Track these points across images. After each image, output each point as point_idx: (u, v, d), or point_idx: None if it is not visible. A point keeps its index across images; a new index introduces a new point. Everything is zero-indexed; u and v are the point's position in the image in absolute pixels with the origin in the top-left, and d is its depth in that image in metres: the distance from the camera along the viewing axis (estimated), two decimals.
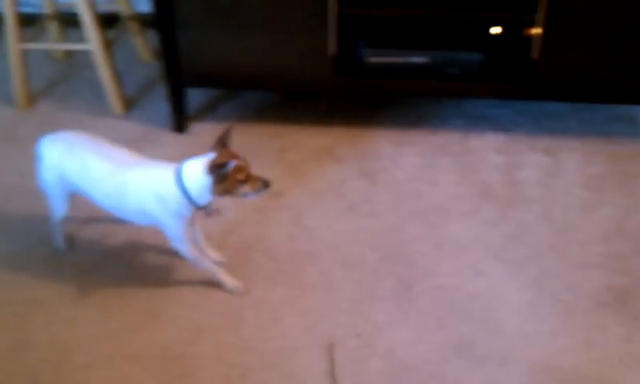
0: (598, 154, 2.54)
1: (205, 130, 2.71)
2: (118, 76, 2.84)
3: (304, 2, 2.33)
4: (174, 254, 2.07)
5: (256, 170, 2.48)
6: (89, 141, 2.02)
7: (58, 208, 2.11)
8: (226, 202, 1.97)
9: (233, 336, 1.95)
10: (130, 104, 2.91)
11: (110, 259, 2.20)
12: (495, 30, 2.58)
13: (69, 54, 3.27)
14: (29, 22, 2.92)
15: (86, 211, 2.23)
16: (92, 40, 2.70)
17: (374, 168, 2.51)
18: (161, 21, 2.42)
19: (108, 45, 2.75)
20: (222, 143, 1.87)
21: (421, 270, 2.12)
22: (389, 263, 2.15)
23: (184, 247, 1.98)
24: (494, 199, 2.36)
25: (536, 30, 2.29)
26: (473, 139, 2.63)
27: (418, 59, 2.43)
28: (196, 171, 1.84)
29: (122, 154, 1.98)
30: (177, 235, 1.96)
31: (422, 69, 2.45)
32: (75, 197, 2.08)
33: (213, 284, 2.08)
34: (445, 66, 2.44)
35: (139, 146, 2.15)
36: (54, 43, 3.15)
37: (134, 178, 1.92)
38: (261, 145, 2.63)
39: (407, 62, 2.44)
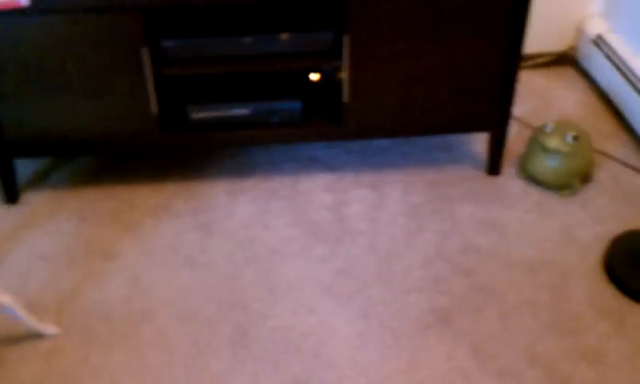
0: (417, 183, 2.73)
1: (38, 199, 2.69)
2: None
3: (120, 66, 2.37)
4: None
5: (90, 234, 2.51)
6: None
7: None
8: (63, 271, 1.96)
9: None
10: None
11: None
12: (312, 76, 2.74)
13: None
14: None
15: None
16: None
17: (209, 219, 2.57)
18: None
19: None
20: None
21: (256, 314, 2.20)
22: (224, 312, 2.21)
23: None
24: (324, 237, 2.48)
25: (344, 75, 2.44)
26: (303, 181, 2.75)
27: (240, 111, 2.52)
28: None
29: None
30: None
31: (245, 120, 2.55)
32: None
33: (48, 356, 2.07)
34: (266, 116, 2.54)
35: None
36: None
37: None
38: (95, 208, 2.63)
39: (230, 114, 2.52)
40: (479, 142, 2.92)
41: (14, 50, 2.33)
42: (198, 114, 2.51)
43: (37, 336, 2.13)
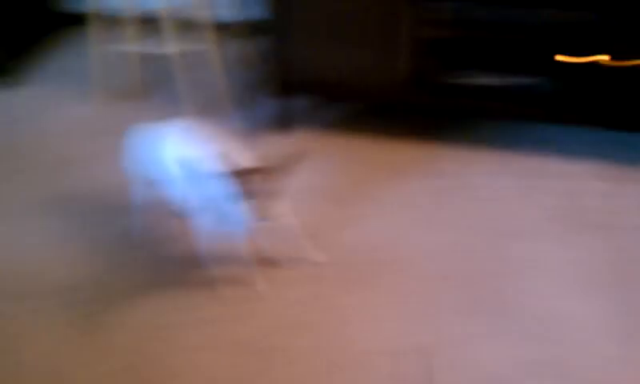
0: None
1: (308, 135, 2.83)
2: (227, 77, 2.97)
3: (384, 22, 2.45)
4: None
5: (356, 175, 2.59)
6: (183, 129, 2.15)
7: (143, 192, 2.25)
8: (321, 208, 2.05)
9: (333, 333, 2.04)
10: (235, 105, 3.04)
11: (216, 250, 2.31)
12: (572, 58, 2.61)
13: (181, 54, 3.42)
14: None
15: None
16: (208, 42, 2.84)
17: (469, 184, 2.57)
18: (273, 28, 2.56)
19: (218, 47, 2.89)
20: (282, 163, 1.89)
21: (511, 288, 2.17)
22: (479, 279, 2.21)
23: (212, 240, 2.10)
24: (588, 224, 2.39)
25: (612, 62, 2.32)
26: (567, 164, 2.67)
27: (493, 81, 2.48)
28: None
29: (211, 144, 2.06)
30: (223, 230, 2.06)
31: (498, 91, 2.50)
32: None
33: (312, 281, 2.18)
34: (521, 90, 2.47)
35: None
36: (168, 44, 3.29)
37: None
38: (361, 152, 2.74)
39: (482, 83, 2.49)
40: None
41: None
42: (451, 79, 2.49)
43: (302, 260, 2.25)
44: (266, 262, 2.25)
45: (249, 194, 1.81)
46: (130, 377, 1.93)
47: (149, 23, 3.10)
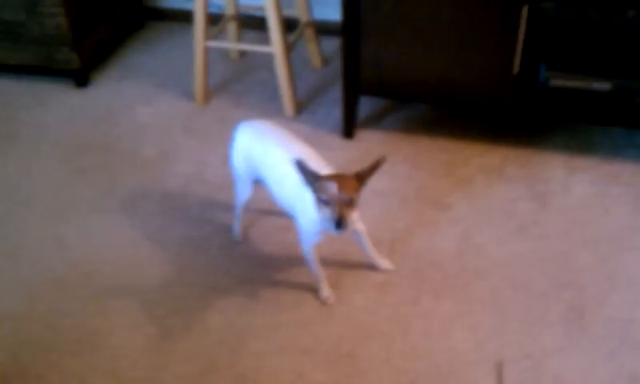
0: None
1: (373, 138, 2.79)
2: (293, 79, 2.96)
3: (495, 22, 2.34)
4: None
5: (424, 180, 2.54)
6: (275, 130, 2.15)
7: (243, 192, 2.24)
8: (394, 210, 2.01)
9: (401, 342, 2.00)
10: (301, 107, 3.03)
11: (283, 254, 2.30)
12: None
13: (242, 54, 3.42)
14: (212, 21, 3.09)
15: (264, 204, 2.35)
16: (275, 43, 2.82)
17: (543, 191, 2.48)
18: (348, 29, 2.50)
19: (288, 49, 2.87)
20: (359, 176, 1.84)
21: (592, 299, 2.09)
22: (558, 289, 2.13)
23: (306, 247, 2.06)
24: None
25: None
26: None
27: (601, 86, 2.38)
28: None
29: (299, 148, 2.06)
30: (306, 236, 2.03)
31: (604, 96, 2.40)
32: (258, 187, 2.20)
33: (381, 289, 2.15)
34: (630, 95, 2.37)
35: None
36: (237, 43, 3.30)
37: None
38: (428, 157, 2.67)
39: (589, 88, 2.39)
40: None
41: None
42: (557, 82, 2.41)
43: (371, 267, 2.22)
44: (337, 268, 2.23)
45: (328, 201, 1.78)
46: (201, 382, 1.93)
47: (223, 23, 3.14)
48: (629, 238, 2.29)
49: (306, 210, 1.94)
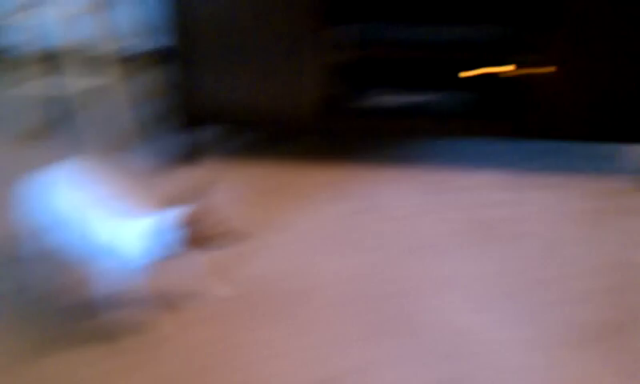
0: (581, 189, 2.65)
1: (214, 164, 2.77)
2: (133, 111, 2.85)
3: (292, 47, 2.41)
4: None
5: (261, 204, 2.50)
6: (72, 174, 2.03)
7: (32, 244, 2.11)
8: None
9: (245, 373, 1.90)
10: (141, 140, 2.93)
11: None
12: (489, 71, 2.64)
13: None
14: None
15: None
16: (112, 76, 2.72)
17: (373, 205, 2.54)
18: (180, 57, 2.50)
19: (126, 80, 2.79)
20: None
21: (415, 306, 2.12)
22: (383, 300, 2.14)
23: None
24: (490, 235, 2.40)
25: (546, 70, 2.35)
26: (470, 176, 2.69)
27: (409, 99, 2.47)
28: None
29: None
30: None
31: (414, 109, 2.50)
32: None
33: (219, 318, 2.06)
34: (437, 107, 2.48)
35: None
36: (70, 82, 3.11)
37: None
38: (265, 180, 2.69)
39: (399, 102, 2.48)
40: None
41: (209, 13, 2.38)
42: (366, 101, 2.48)
43: (208, 297, 2.14)
44: (169, 301, 2.11)
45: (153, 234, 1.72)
46: None
47: (50, 60, 2.94)
48: (453, 243, 2.37)
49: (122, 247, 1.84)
